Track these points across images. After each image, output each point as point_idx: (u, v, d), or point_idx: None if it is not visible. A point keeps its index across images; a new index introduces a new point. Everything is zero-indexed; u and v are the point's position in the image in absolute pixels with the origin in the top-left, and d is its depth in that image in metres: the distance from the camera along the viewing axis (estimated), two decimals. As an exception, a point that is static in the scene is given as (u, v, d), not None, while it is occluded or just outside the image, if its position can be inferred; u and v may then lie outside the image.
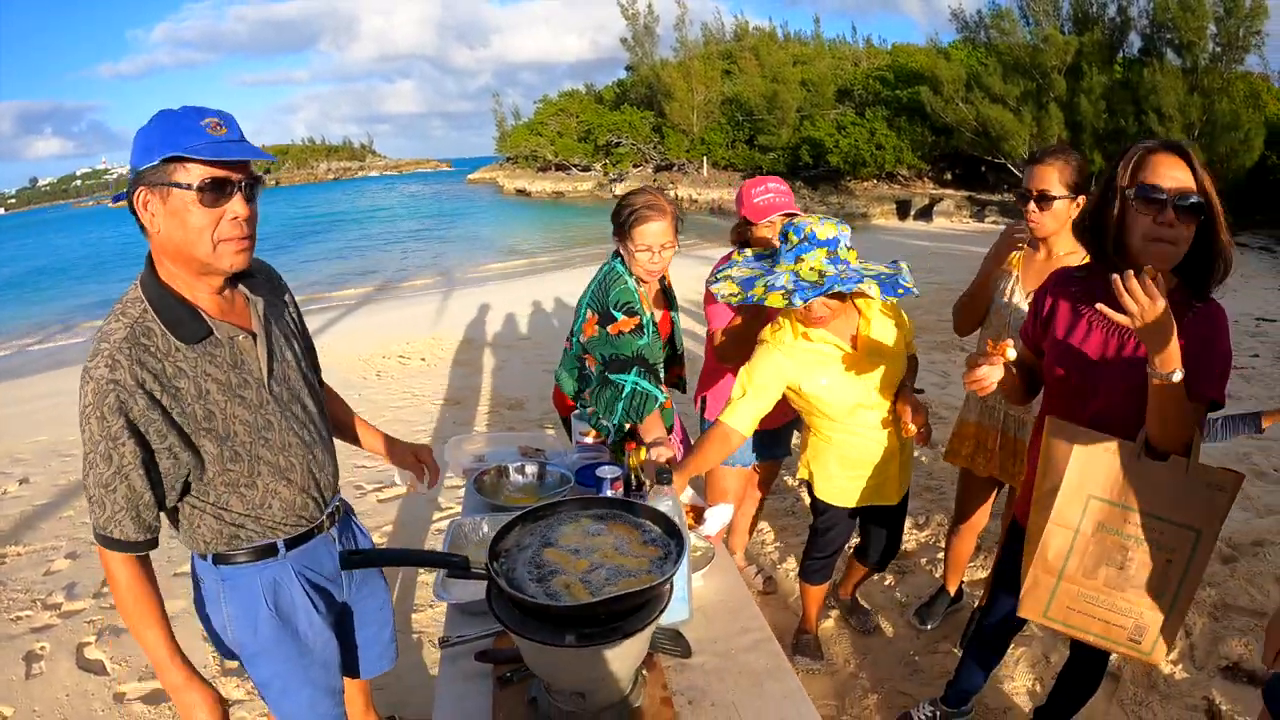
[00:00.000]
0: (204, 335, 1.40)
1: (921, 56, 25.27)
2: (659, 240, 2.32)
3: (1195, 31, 16.54)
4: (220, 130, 1.32)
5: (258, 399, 1.48)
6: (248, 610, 1.54)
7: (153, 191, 1.30)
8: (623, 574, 1.12)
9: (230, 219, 1.35)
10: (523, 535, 1.22)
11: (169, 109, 1.34)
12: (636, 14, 33.61)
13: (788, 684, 1.39)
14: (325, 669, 1.65)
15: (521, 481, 2.17)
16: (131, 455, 1.31)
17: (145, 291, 1.38)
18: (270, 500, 1.51)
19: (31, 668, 2.94)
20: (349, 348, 8.17)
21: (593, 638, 1.04)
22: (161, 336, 1.35)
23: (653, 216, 2.31)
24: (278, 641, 1.56)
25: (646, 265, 2.35)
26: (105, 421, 1.30)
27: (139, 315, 1.35)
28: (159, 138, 1.29)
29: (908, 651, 2.74)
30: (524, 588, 1.08)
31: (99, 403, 1.29)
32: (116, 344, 1.31)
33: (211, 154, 1.28)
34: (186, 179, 1.29)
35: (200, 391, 1.39)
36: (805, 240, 1.99)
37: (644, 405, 2.30)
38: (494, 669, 1.41)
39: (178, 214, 1.31)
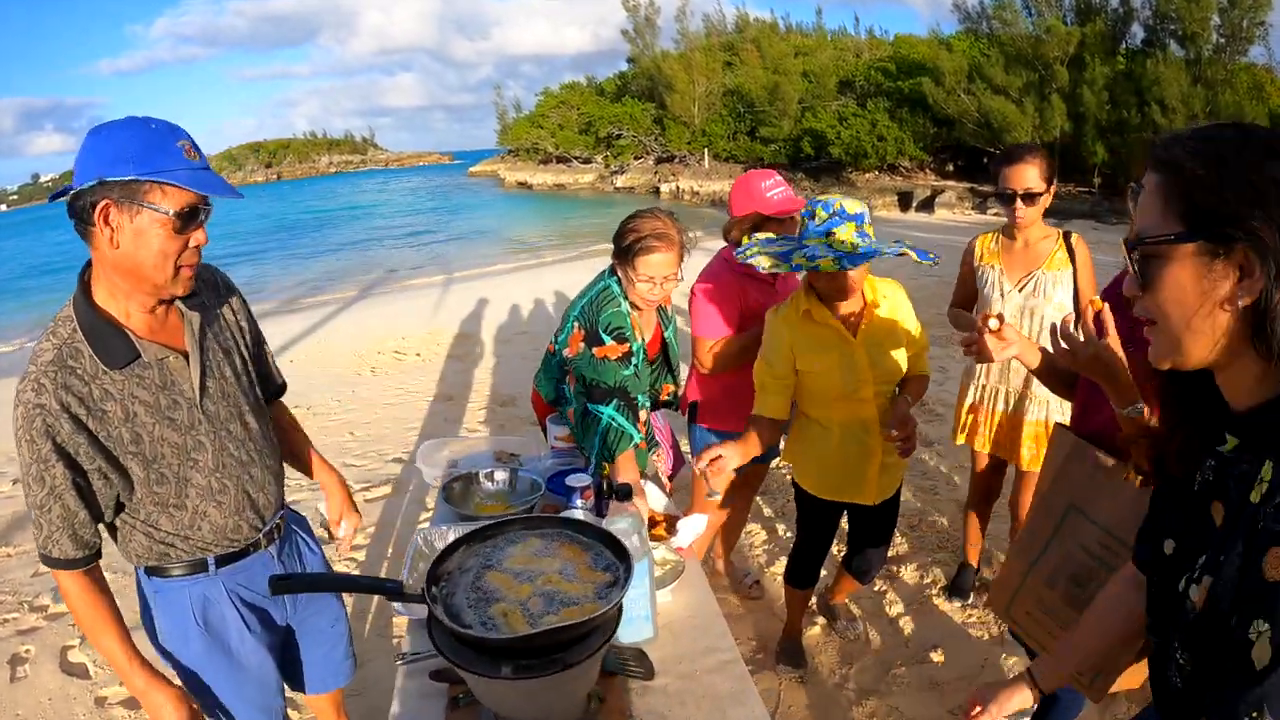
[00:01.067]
0: (131, 359, 1.37)
1: (923, 47, 25.12)
2: (663, 272, 2.17)
3: (1198, 22, 16.44)
4: (194, 156, 1.30)
5: (188, 420, 1.44)
6: (178, 623, 1.53)
7: (120, 207, 1.25)
8: (565, 602, 1.07)
9: (192, 246, 1.34)
10: (466, 557, 1.17)
11: (140, 117, 1.29)
12: (637, 6, 33.43)
13: (752, 709, 1.34)
14: (260, 688, 1.62)
15: (491, 489, 2.12)
16: (62, 477, 1.31)
17: (76, 311, 1.35)
18: (199, 522, 1.48)
19: (16, 671, 2.91)
20: (344, 343, 8.13)
21: (531, 670, 0.99)
22: (89, 359, 1.33)
23: (659, 247, 2.14)
24: (208, 657, 1.55)
25: (646, 295, 2.20)
26: (35, 445, 1.29)
27: (68, 336, 1.33)
28: (136, 153, 1.24)
29: (894, 661, 2.68)
30: (461, 615, 1.03)
31: (28, 426, 1.29)
32: (43, 367, 1.30)
33: (194, 184, 1.27)
34: (163, 203, 1.26)
35: (127, 414, 1.36)
36: (835, 215, 2.00)
37: (618, 443, 2.13)
38: (449, 689, 1.36)
39: (143, 235, 1.27)
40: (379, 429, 5.40)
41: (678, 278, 2.23)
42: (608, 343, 2.19)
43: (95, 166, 1.24)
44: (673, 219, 2.23)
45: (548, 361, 2.53)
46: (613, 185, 32.03)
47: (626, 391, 2.19)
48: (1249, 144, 0.78)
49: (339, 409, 5.87)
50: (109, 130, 1.27)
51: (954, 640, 2.78)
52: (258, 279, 15.72)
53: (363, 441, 5.17)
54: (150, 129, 1.27)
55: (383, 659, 2.82)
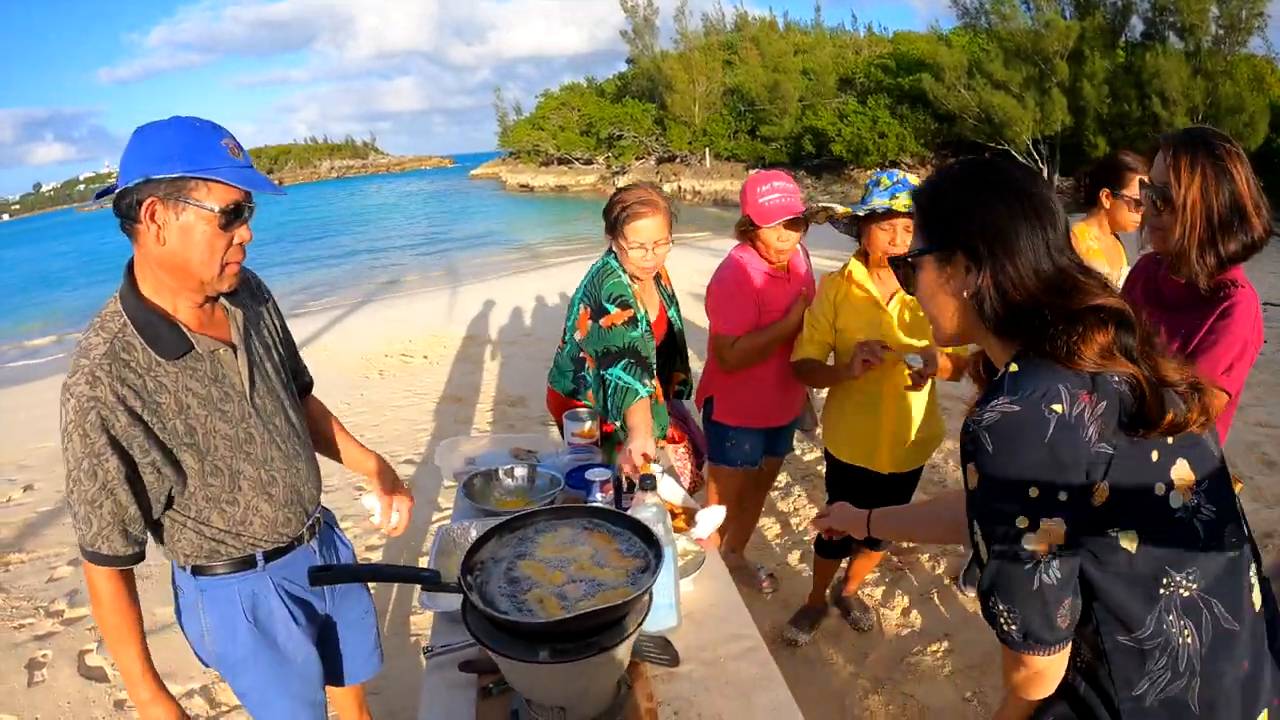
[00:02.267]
0: (185, 350, 1.38)
1: (923, 43, 25.17)
2: (652, 237, 2.26)
3: (1197, 14, 16.45)
4: (238, 154, 1.32)
5: (239, 413, 1.46)
6: (226, 621, 1.53)
7: (166, 204, 1.27)
8: (599, 587, 1.10)
9: (238, 243, 1.36)
10: (498, 547, 1.20)
11: (184, 117, 1.31)
12: (636, 6, 33.49)
13: (776, 695, 1.36)
14: (304, 681, 1.64)
15: (511, 485, 2.14)
16: (115, 471, 1.30)
17: (125, 306, 1.36)
18: (251, 517, 1.50)
19: (34, 675, 2.94)
20: (351, 347, 8.16)
21: (567, 653, 1.02)
22: (142, 351, 1.34)
23: (646, 212, 2.24)
24: (256, 652, 1.55)
25: (640, 263, 2.30)
26: (88, 438, 1.28)
27: (119, 330, 1.33)
28: (181, 150, 1.26)
29: (907, 650, 2.71)
30: (496, 603, 1.05)
31: (80, 420, 1.28)
32: (97, 360, 1.29)
33: (240, 181, 1.29)
34: (210, 201, 1.28)
35: (181, 406, 1.37)
36: (898, 183, 2.20)
37: (623, 398, 2.16)
38: (478, 679, 1.38)
39: (190, 232, 1.29)
40: (389, 431, 5.43)
41: (668, 242, 2.31)
42: (612, 311, 2.26)
43: (141, 164, 1.26)
44: (656, 189, 2.35)
45: (559, 357, 2.56)
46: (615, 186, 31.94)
47: (637, 350, 2.22)
48: (959, 178, 1.08)
49: (348, 412, 5.90)
50: (154, 129, 1.29)
51: (965, 629, 2.80)
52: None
53: (373, 444, 5.14)
54: (195, 127, 1.29)
55: (400, 659, 2.84)
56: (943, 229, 1.07)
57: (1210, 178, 1.55)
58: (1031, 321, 0.99)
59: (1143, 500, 0.96)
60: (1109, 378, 0.95)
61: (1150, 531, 0.96)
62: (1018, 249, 0.99)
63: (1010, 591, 0.97)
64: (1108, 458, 0.93)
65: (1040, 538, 0.94)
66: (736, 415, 2.70)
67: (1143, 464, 0.95)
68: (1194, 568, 0.97)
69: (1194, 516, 0.98)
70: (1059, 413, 0.93)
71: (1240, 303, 1.61)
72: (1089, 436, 0.93)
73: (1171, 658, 0.97)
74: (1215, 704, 0.98)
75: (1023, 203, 1.01)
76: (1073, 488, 0.93)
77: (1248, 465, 3.88)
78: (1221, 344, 1.59)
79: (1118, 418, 0.94)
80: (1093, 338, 0.95)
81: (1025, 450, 0.93)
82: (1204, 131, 1.61)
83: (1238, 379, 1.61)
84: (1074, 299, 0.98)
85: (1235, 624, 0.99)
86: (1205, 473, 1.00)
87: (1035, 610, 0.96)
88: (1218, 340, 1.60)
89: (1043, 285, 0.99)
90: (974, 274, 1.03)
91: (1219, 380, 1.58)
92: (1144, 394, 0.94)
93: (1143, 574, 0.96)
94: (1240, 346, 1.59)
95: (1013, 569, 0.96)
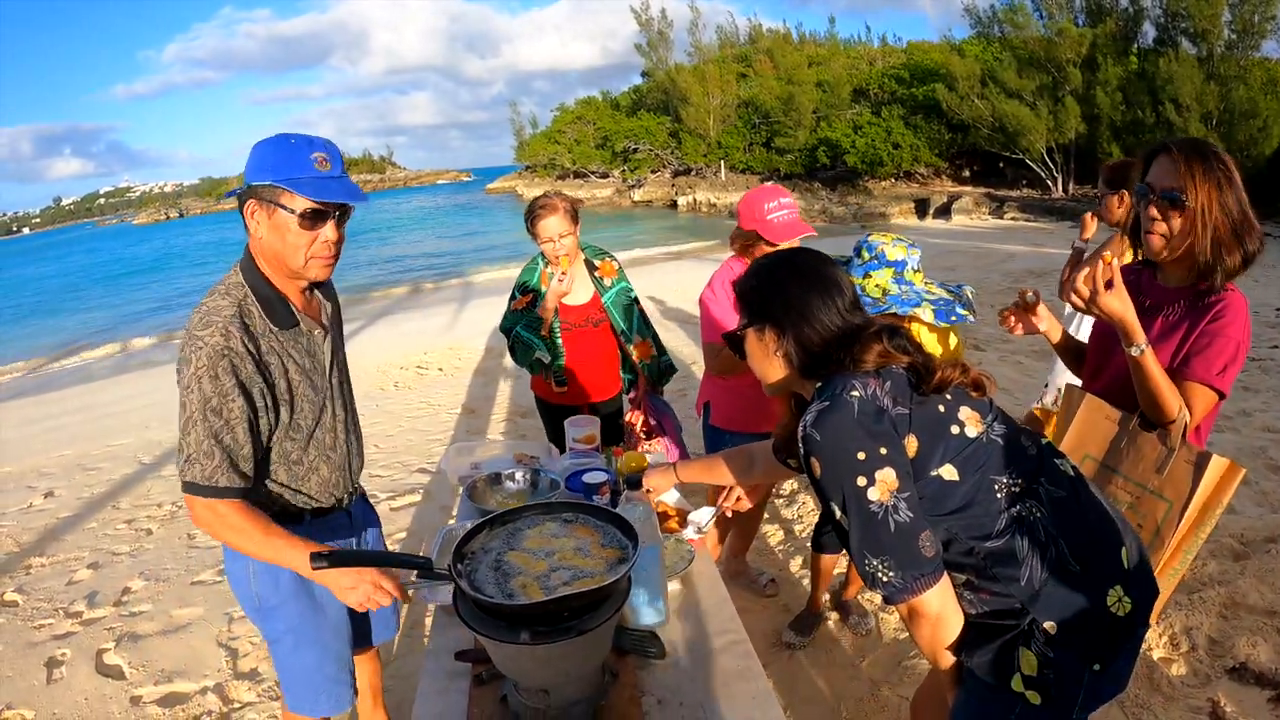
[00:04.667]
0: (293, 324, 1.64)
1: (936, 53, 25.14)
2: (556, 231, 2.85)
3: (1209, 19, 16.35)
4: (326, 166, 1.54)
5: (322, 384, 1.71)
6: (271, 566, 1.67)
7: (261, 205, 1.53)
8: (580, 575, 1.16)
9: (322, 241, 1.57)
10: (489, 539, 1.27)
11: (285, 134, 1.55)
12: (651, 20, 33.72)
13: (757, 685, 1.41)
14: (335, 634, 1.80)
15: (513, 487, 2.21)
16: (239, 411, 1.50)
17: (246, 278, 1.59)
18: (310, 476, 1.71)
19: (53, 673, 3.03)
20: (368, 359, 8.28)
21: (547, 635, 1.08)
22: (259, 318, 1.57)
23: (545, 214, 2.85)
24: (296, 597, 1.72)
25: (551, 252, 2.90)
26: (218, 381, 1.47)
27: (242, 298, 1.57)
28: (273, 163, 1.50)
29: (906, 653, 2.74)
30: (483, 588, 1.12)
31: (213, 365, 1.47)
32: (228, 317, 1.51)
33: (313, 192, 1.50)
34: (292, 205, 1.51)
35: (283, 369, 1.60)
36: (875, 259, 2.16)
37: (525, 353, 2.97)
38: (472, 668, 1.45)
39: (279, 229, 1.53)
40: (403, 441, 5.52)
41: (572, 233, 2.90)
42: (517, 298, 3.05)
43: (249, 174, 1.54)
44: (560, 195, 2.95)
45: None
46: (630, 199, 32.21)
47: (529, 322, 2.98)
48: (765, 269, 1.42)
49: (364, 422, 5.93)
50: (261, 145, 1.54)
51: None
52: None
53: (388, 453, 5.29)
54: (289, 144, 1.53)
55: (411, 658, 2.91)
56: (756, 310, 1.40)
57: (1223, 184, 1.57)
58: (829, 360, 1.30)
59: (945, 439, 1.23)
60: (891, 368, 1.26)
61: (963, 457, 1.23)
62: (812, 316, 1.31)
63: (876, 543, 1.18)
64: (906, 416, 1.22)
65: (879, 488, 1.17)
66: (733, 420, 2.76)
67: (933, 415, 1.24)
68: (1011, 467, 1.25)
69: (989, 435, 1.26)
70: (857, 395, 1.21)
71: (1232, 305, 1.63)
72: (885, 404, 1.21)
73: (1031, 535, 1.22)
74: (1086, 555, 1.23)
75: (812, 281, 1.34)
76: (889, 443, 1.18)
77: (1254, 471, 3.87)
78: (1215, 346, 1.61)
79: (904, 389, 1.24)
80: (870, 347, 1.26)
81: (843, 429, 1.19)
82: (1202, 140, 1.65)
83: (1230, 380, 1.62)
84: (856, 334, 1.29)
85: (1062, 490, 1.26)
86: (987, 411, 1.30)
87: (901, 549, 1.18)
88: (1211, 343, 1.62)
89: (835, 335, 1.30)
90: (782, 339, 1.34)
91: (1213, 381, 1.60)
92: (919, 373, 1.26)
93: (974, 490, 1.22)
94: (1234, 349, 1.61)
95: (870, 523, 1.18)
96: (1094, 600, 1.22)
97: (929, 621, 1.24)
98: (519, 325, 2.98)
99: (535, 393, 3.28)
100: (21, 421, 7.69)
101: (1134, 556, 1.29)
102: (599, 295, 3.07)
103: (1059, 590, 1.21)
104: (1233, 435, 4.32)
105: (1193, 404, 1.61)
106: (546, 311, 2.95)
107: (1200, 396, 1.62)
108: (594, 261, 3.08)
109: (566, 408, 3.07)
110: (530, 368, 3.06)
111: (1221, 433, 4.37)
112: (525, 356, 3.00)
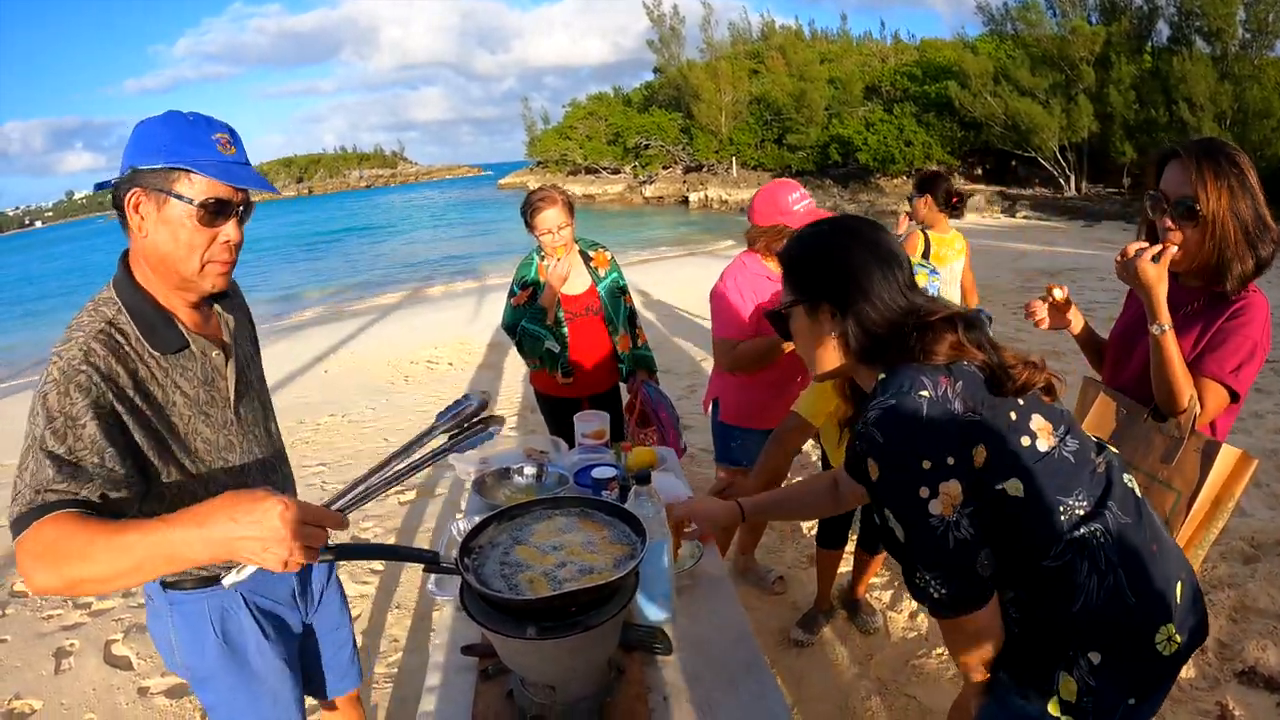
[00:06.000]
0: (180, 346, 1.35)
1: (949, 51, 25.01)
2: (554, 223, 2.93)
3: (1224, 18, 16.24)
4: (230, 150, 1.29)
5: (222, 419, 1.42)
6: (196, 635, 1.48)
7: (148, 195, 1.25)
8: (587, 570, 1.16)
9: (222, 241, 1.32)
10: (496, 533, 1.27)
11: (179, 111, 1.29)
12: (663, 16, 33.67)
13: (764, 682, 1.41)
14: (274, 700, 1.56)
15: (522, 482, 2.20)
16: (89, 440, 1.17)
17: (120, 294, 1.31)
18: None
19: (61, 663, 3.05)
20: (378, 352, 8.31)
21: (553, 630, 1.08)
22: (136, 341, 1.29)
23: (543, 206, 2.93)
24: (225, 669, 1.50)
25: (549, 244, 2.98)
26: (68, 399, 1.18)
27: (113, 316, 1.29)
28: (166, 141, 1.24)
29: (913, 653, 2.73)
30: (490, 582, 1.12)
31: (65, 380, 1.19)
32: (92, 334, 1.24)
33: (220, 174, 1.25)
34: (189, 193, 1.25)
35: (167, 402, 1.32)
36: None
37: (534, 345, 3.04)
38: (478, 663, 1.45)
39: (171, 225, 1.26)
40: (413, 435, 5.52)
41: (569, 224, 2.98)
42: (517, 293, 3.10)
43: (130, 157, 1.26)
44: (556, 188, 3.03)
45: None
46: (642, 195, 32.19)
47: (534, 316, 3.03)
48: (818, 238, 1.26)
49: (374, 416, 6.03)
50: (147, 123, 1.28)
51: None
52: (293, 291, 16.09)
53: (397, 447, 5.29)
54: (186, 121, 1.27)
55: (418, 654, 2.92)
56: (808, 284, 1.25)
57: (1236, 188, 1.54)
58: (891, 345, 1.17)
59: (1015, 452, 1.12)
60: (962, 364, 1.13)
61: (1031, 474, 1.12)
62: (874, 292, 1.17)
63: (931, 558, 1.10)
64: (977, 423, 1.10)
65: (942, 502, 1.07)
66: (742, 416, 2.76)
67: (1004, 422, 1.12)
68: (1078, 488, 1.15)
69: (1060, 451, 1.15)
70: (927, 396, 1.09)
71: (1252, 305, 1.60)
72: (956, 409, 1.09)
73: (1092, 561, 1.13)
74: (1143, 588, 1.14)
75: (872, 254, 1.20)
76: (956, 453, 1.08)
77: (1266, 473, 3.85)
78: (1230, 344, 1.58)
79: (976, 392, 1.12)
80: (943, 337, 1.14)
81: (909, 432, 1.08)
82: (1216, 141, 1.61)
83: (1246, 380, 1.59)
84: (924, 320, 1.16)
85: (1128, 517, 1.17)
86: (1060, 420, 1.18)
87: (957, 568, 1.10)
88: (1226, 340, 1.59)
89: (897, 316, 1.17)
90: (839, 318, 1.20)
91: (1225, 379, 1.58)
92: (992, 373, 1.14)
93: (1041, 508, 1.12)
94: (1250, 349, 1.58)
95: (928, 536, 1.09)
96: (1144, 637, 1.14)
97: (969, 638, 1.18)
98: (524, 319, 3.03)
99: (536, 387, 3.30)
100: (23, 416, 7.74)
101: (1187, 593, 1.20)
102: (595, 285, 3.15)
103: (1110, 622, 1.13)
104: (1244, 437, 4.29)
105: (1204, 399, 1.59)
106: (549, 301, 3.01)
107: (1212, 393, 1.59)
108: (588, 253, 3.16)
109: (568, 401, 3.12)
110: (540, 360, 3.08)
111: (1233, 434, 4.33)
112: (535, 349, 3.04)
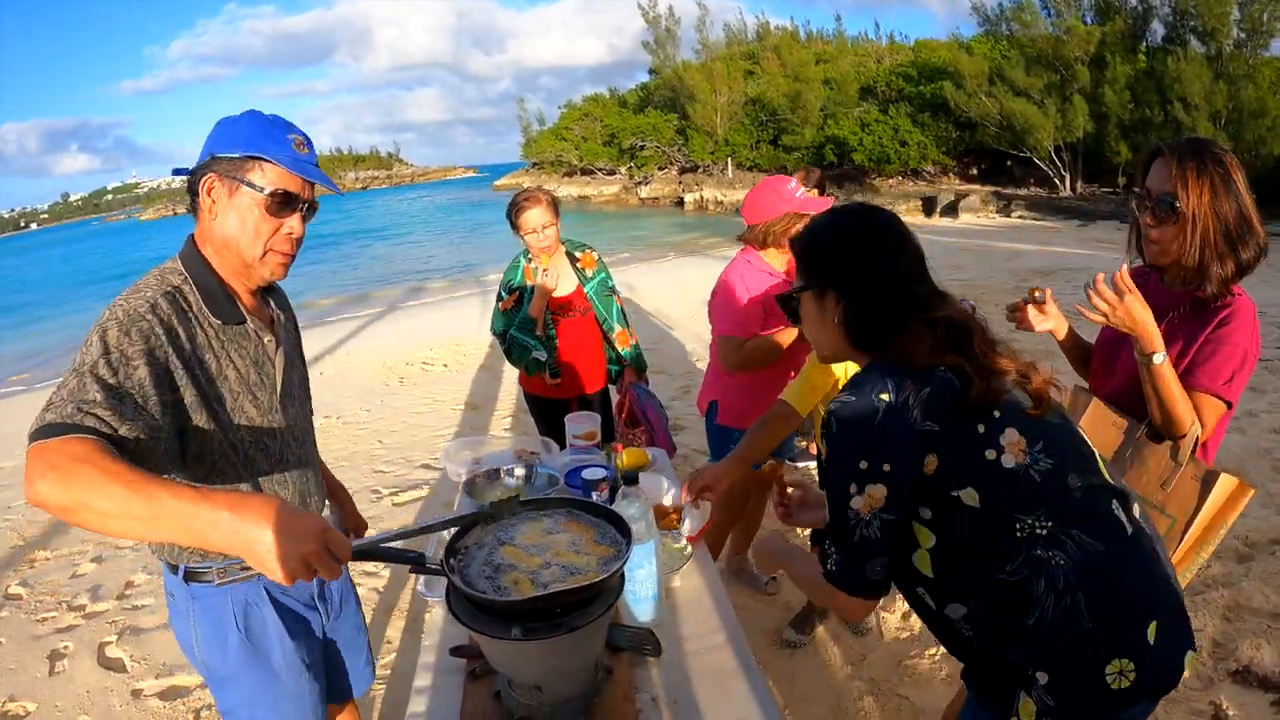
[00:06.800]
0: (239, 320, 1.40)
1: (944, 51, 25.07)
2: (539, 222, 2.93)
3: (1218, 18, 16.29)
4: (304, 149, 1.39)
5: (269, 404, 1.45)
6: (217, 631, 1.47)
7: (222, 180, 1.34)
8: (572, 571, 1.15)
9: (285, 233, 1.40)
10: (483, 534, 1.26)
11: (259, 112, 1.40)
12: (658, 17, 33.68)
13: (754, 683, 1.41)
14: (295, 703, 1.55)
15: (511, 483, 2.20)
16: (138, 384, 1.17)
17: (187, 265, 1.38)
18: None
19: (55, 666, 3.05)
20: (373, 354, 8.31)
21: (537, 631, 1.08)
22: (198, 308, 1.34)
23: (528, 206, 2.94)
24: (246, 667, 1.49)
25: (535, 244, 2.98)
26: (128, 338, 1.19)
27: (179, 283, 1.35)
28: (246, 135, 1.34)
29: (905, 654, 2.73)
30: (476, 584, 1.12)
31: (129, 322, 1.21)
32: (160, 291, 1.30)
33: (292, 165, 1.35)
34: (260, 181, 1.34)
35: (220, 372, 1.35)
36: None
37: (522, 354, 3.06)
38: (466, 664, 1.45)
39: (239, 211, 1.35)
40: (407, 437, 5.53)
41: (554, 224, 2.97)
42: (504, 297, 3.10)
43: (210, 146, 1.36)
44: (540, 189, 3.04)
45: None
46: (637, 196, 32.19)
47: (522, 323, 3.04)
48: (829, 227, 1.32)
49: (368, 418, 6.02)
50: (231, 118, 1.38)
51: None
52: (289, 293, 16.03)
53: (391, 449, 5.30)
54: (266, 120, 1.38)
55: (411, 653, 2.91)
56: (816, 271, 1.30)
57: (1219, 187, 1.53)
58: (879, 338, 1.23)
59: (974, 464, 1.14)
60: (937, 370, 1.16)
61: (989, 487, 1.14)
62: (874, 283, 1.23)
63: (838, 537, 1.19)
64: (932, 433, 1.13)
65: (864, 501, 1.14)
66: (744, 418, 2.74)
67: (969, 434, 1.14)
68: (1040, 509, 1.14)
69: (1028, 469, 1.14)
70: (886, 400, 1.13)
71: (1239, 311, 1.59)
72: (914, 417, 1.13)
73: (1049, 580, 1.12)
74: (1103, 614, 1.11)
75: (880, 244, 1.26)
76: (900, 460, 1.13)
77: (1260, 472, 3.86)
78: (1221, 354, 1.57)
79: (943, 400, 1.14)
80: (921, 340, 1.18)
81: (856, 431, 1.15)
82: (1203, 141, 1.60)
83: (1238, 388, 1.58)
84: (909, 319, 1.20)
85: (1099, 545, 1.14)
86: (1039, 435, 1.17)
87: (851, 557, 1.18)
88: (1217, 350, 1.57)
89: (894, 309, 1.21)
90: (843, 305, 1.25)
91: (1220, 391, 1.56)
92: (969, 379, 1.15)
93: (994, 520, 1.14)
94: (1241, 357, 1.57)
95: (842, 521, 1.17)
96: (1091, 664, 1.11)
97: (833, 602, 1.23)
98: (512, 328, 3.05)
99: (524, 389, 3.31)
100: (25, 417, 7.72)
101: (1165, 637, 1.14)
102: (582, 286, 3.16)
103: (1059, 642, 1.11)
104: (1239, 436, 4.30)
105: (1202, 416, 1.57)
106: (537, 310, 3.00)
107: (1209, 407, 1.58)
108: (575, 254, 3.17)
109: (558, 402, 3.13)
110: (527, 369, 3.10)
111: (1228, 434, 4.33)
112: (522, 358, 3.07)
